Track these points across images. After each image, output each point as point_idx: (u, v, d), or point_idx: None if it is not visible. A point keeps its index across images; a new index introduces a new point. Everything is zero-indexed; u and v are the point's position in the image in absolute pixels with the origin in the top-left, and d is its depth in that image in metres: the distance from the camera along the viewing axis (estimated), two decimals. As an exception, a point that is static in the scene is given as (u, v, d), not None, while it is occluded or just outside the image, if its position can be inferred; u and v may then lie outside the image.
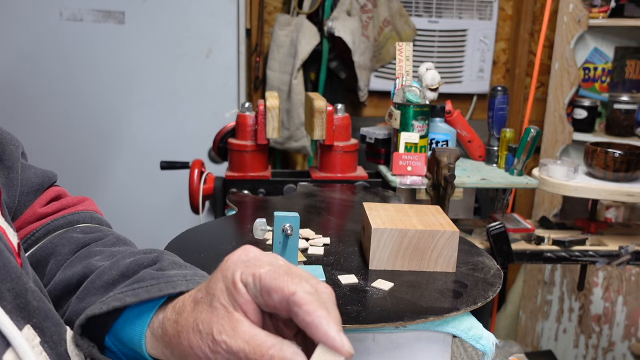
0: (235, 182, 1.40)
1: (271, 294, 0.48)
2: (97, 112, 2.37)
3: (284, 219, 0.78)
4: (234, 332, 0.47)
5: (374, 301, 0.75)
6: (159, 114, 2.40)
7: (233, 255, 0.52)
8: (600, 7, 2.33)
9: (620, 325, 2.34)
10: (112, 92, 2.36)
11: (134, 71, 2.35)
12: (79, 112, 2.37)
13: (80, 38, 2.29)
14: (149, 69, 2.35)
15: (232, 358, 0.47)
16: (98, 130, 2.38)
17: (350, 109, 2.57)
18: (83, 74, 2.33)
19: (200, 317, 0.50)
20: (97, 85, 2.35)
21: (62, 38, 2.29)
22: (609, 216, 2.39)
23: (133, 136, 2.41)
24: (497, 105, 1.50)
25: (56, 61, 2.30)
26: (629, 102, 2.38)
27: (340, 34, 2.25)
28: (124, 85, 2.36)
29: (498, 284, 0.82)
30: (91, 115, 2.37)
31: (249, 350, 0.46)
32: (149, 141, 2.41)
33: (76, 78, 2.33)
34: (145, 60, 2.34)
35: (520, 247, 1.37)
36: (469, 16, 2.60)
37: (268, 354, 0.45)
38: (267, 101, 1.40)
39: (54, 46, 2.29)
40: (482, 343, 0.75)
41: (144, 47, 2.33)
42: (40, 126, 2.32)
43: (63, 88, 2.33)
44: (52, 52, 2.29)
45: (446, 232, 0.85)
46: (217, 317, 0.49)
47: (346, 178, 1.43)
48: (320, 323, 0.46)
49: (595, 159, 1.35)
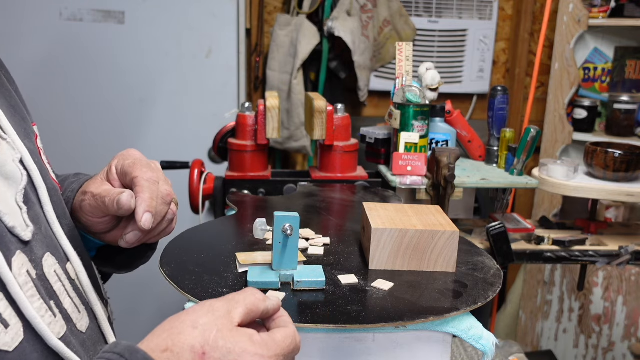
0: (235, 182, 1.40)
1: (126, 175, 0.74)
2: (97, 112, 2.37)
3: (284, 219, 0.78)
4: (103, 190, 0.74)
5: (374, 301, 0.75)
6: (159, 114, 2.40)
7: (123, 151, 0.79)
8: (600, 7, 2.33)
9: (620, 325, 2.34)
10: (112, 92, 2.36)
11: (134, 71, 2.35)
12: (78, 112, 2.37)
13: (80, 38, 2.29)
14: (149, 69, 2.35)
15: (92, 200, 0.74)
16: (98, 130, 2.38)
17: (350, 109, 2.56)
18: (83, 74, 2.33)
19: (88, 184, 0.78)
20: (97, 85, 2.35)
21: (62, 38, 2.28)
22: (609, 216, 2.39)
23: (133, 136, 2.41)
24: (497, 105, 1.50)
25: (56, 61, 2.30)
26: (629, 102, 2.38)
27: (340, 34, 2.25)
28: (124, 85, 2.36)
29: (498, 284, 0.82)
30: (91, 115, 2.37)
31: (102, 191, 0.74)
32: (149, 141, 2.41)
33: (76, 78, 2.33)
34: (145, 60, 2.34)
35: (520, 247, 1.37)
36: (469, 16, 2.60)
37: (115, 193, 0.72)
38: (267, 101, 1.40)
39: (54, 46, 2.29)
40: (482, 343, 0.75)
41: (144, 47, 2.33)
42: (39, 126, 2.32)
43: (63, 88, 2.33)
44: (52, 52, 2.29)
45: (446, 232, 0.85)
46: (97, 182, 0.77)
47: (346, 178, 1.43)
48: (141, 199, 0.71)
49: (595, 159, 1.35)
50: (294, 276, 0.78)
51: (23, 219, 0.63)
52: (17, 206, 0.63)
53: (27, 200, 0.65)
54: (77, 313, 0.68)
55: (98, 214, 0.75)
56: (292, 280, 0.78)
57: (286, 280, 0.79)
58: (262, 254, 0.87)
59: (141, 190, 0.71)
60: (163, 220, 0.76)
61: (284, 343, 0.59)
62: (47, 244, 0.66)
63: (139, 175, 0.72)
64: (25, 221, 0.63)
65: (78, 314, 0.68)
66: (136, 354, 0.53)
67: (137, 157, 0.76)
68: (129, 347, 0.54)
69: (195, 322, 0.56)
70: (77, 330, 0.66)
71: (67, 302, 0.66)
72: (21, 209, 0.63)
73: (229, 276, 0.81)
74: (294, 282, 0.78)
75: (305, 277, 0.78)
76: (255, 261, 0.84)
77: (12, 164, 0.64)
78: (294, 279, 0.78)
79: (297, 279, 0.78)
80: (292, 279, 0.78)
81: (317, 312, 0.72)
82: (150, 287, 2.38)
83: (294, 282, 0.77)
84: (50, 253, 0.66)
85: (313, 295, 0.76)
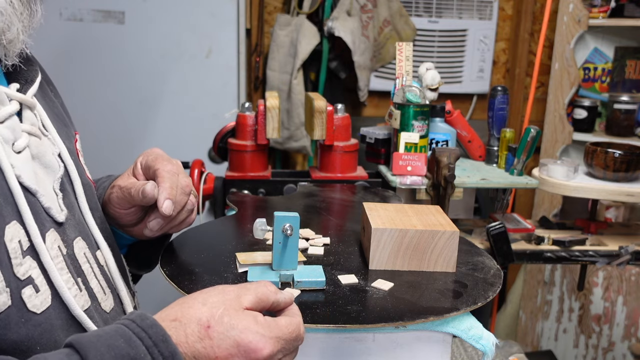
0: (235, 182, 1.40)
1: (149, 169, 0.82)
2: (96, 112, 2.37)
3: (284, 219, 0.78)
4: (129, 183, 0.82)
5: (374, 301, 0.75)
6: (159, 114, 2.40)
7: (147, 150, 0.87)
8: (600, 7, 2.33)
9: (620, 325, 2.34)
10: (112, 92, 2.36)
11: (134, 71, 2.35)
12: (78, 112, 2.36)
13: (80, 38, 2.29)
14: (149, 69, 2.35)
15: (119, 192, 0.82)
16: (98, 130, 2.38)
17: (350, 109, 2.56)
18: (83, 74, 2.33)
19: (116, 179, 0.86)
20: (97, 85, 2.35)
21: (62, 38, 2.29)
22: (609, 216, 2.39)
23: (133, 136, 2.41)
24: (497, 105, 1.50)
25: (56, 61, 2.30)
26: (629, 102, 2.38)
27: (340, 34, 2.25)
28: (124, 85, 2.36)
29: (498, 284, 0.82)
30: (91, 115, 2.37)
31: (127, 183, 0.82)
32: (149, 141, 2.41)
33: (76, 78, 2.33)
34: (145, 60, 2.34)
35: (520, 247, 1.37)
36: (469, 16, 2.60)
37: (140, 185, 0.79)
38: (267, 101, 1.40)
39: (54, 46, 2.29)
40: (482, 343, 0.75)
41: (144, 47, 2.33)
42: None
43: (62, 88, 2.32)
44: (52, 52, 2.29)
45: (446, 232, 0.85)
46: (124, 177, 0.85)
47: (346, 178, 1.43)
48: (163, 188, 0.78)
49: (595, 159, 1.35)
50: (294, 276, 0.78)
51: (58, 203, 0.68)
52: (54, 192, 0.69)
53: (62, 188, 0.71)
54: (103, 294, 0.72)
55: (125, 204, 0.82)
56: (292, 280, 0.78)
57: (286, 280, 0.79)
58: (262, 254, 0.87)
59: (162, 180, 0.79)
60: (183, 210, 0.82)
61: (287, 329, 0.61)
62: (80, 230, 0.72)
63: (160, 167, 0.81)
64: (60, 205, 0.69)
65: (103, 295, 0.72)
66: (146, 319, 0.58)
67: (160, 154, 0.85)
68: (140, 314, 0.59)
69: (206, 300, 0.61)
70: (101, 309, 0.71)
71: (94, 283, 0.71)
72: (57, 195, 0.69)
73: (229, 276, 0.81)
74: (294, 282, 0.78)
75: (305, 277, 0.78)
76: (255, 261, 0.84)
77: (52, 156, 0.70)
78: (294, 279, 0.78)
79: (297, 279, 0.78)
80: (292, 279, 0.78)
81: (317, 312, 0.72)
82: (150, 287, 2.38)
83: (294, 282, 0.78)
84: (81, 237, 0.71)
85: (313, 295, 0.76)
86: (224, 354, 0.58)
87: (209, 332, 0.58)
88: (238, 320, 0.59)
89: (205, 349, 0.58)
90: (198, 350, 0.58)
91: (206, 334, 0.58)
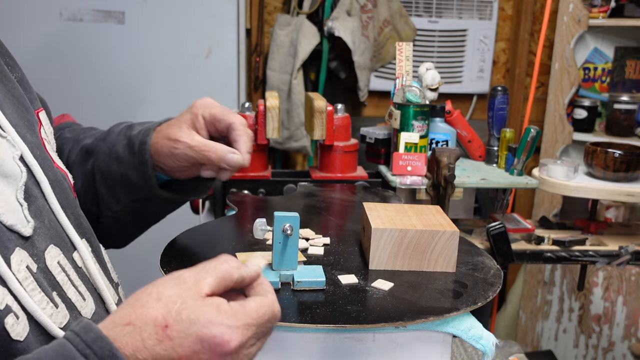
0: (235, 182, 1.40)
1: (220, 122, 0.86)
2: (96, 113, 2.37)
3: (284, 219, 0.78)
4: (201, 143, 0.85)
5: (374, 301, 0.75)
6: (159, 114, 2.39)
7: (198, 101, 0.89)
8: (600, 7, 2.33)
9: (620, 325, 2.34)
10: (112, 92, 2.36)
11: (134, 71, 2.35)
12: (78, 112, 2.36)
13: (80, 38, 2.29)
14: (148, 69, 2.35)
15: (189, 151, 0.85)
16: (98, 130, 2.38)
17: (350, 109, 2.57)
18: (83, 74, 2.33)
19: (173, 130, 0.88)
20: (96, 85, 2.35)
21: (62, 38, 2.28)
22: (609, 216, 2.39)
23: (133, 136, 2.41)
24: (497, 105, 1.50)
25: (56, 61, 2.30)
26: (629, 102, 2.38)
27: (340, 34, 2.25)
28: (124, 86, 2.36)
29: (498, 284, 0.82)
30: (91, 115, 2.37)
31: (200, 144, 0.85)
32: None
33: (76, 78, 2.33)
34: (145, 60, 2.34)
35: (520, 247, 1.37)
36: (469, 16, 2.60)
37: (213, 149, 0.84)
38: (267, 101, 1.40)
39: (54, 46, 2.29)
40: (482, 343, 0.75)
41: (144, 47, 2.33)
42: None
43: (62, 88, 2.33)
44: (52, 52, 2.29)
45: (446, 232, 0.85)
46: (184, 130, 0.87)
47: (346, 178, 1.43)
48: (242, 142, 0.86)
49: (595, 159, 1.35)
50: (294, 276, 0.78)
51: (24, 215, 0.64)
52: (18, 203, 0.64)
53: (28, 195, 0.66)
54: (82, 301, 0.70)
55: (191, 161, 0.86)
56: (292, 280, 0.78)
57: (286, 280, 0.79)
58: (262, 254, 0.87)
59: (241, 134, 0.85)
60: None
61: (256, 313, 0.57)
62: (52, 236, 0.68)
63: (235, 121, 0.86)
64: (26, 217, 0.65)
65: (83, 302, 0.70)
66: (90, 332, 0.53)
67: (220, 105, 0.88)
68: (85, 325, 0.54)
69: (161, 294, 0.56)
70: (81, 318, 0.68)
71: (71, 292, 0.68)
72: (22, 206, 0.65)
73: (229, 276, 0.81)
74: (294, 282, 0.78)
75: (305, 277, 0.78)
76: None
77: (12, 161, 0.66)
78: (294, 279, 0.78)
79: (297, 279, 0.78)
80: (292, 279, 0.78)
81: (317, 312, 0.72)
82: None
83: (294, 282, 0.77)
84: (54, 244, 0.68)
85: (313, 295, 0.76)
86: (187, 352, 0.53)
87: (168, 333, 0.53)
88: (199, 314, 0.54)
89: (166, 350, 0.53)
90: (159, 353, 0.53)
91: (165, 335, 0.53)
